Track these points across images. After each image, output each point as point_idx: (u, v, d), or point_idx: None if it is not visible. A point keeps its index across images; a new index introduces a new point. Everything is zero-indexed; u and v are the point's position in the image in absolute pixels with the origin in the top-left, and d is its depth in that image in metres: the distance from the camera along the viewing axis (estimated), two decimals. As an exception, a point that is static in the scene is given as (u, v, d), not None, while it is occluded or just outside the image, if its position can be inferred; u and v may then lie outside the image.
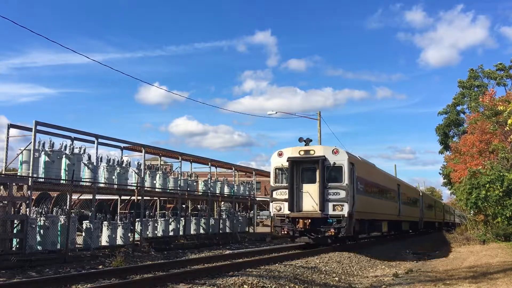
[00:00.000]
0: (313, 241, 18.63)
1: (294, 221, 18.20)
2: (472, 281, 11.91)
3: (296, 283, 10.86)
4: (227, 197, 29.68)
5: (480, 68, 46.97)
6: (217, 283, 9.55)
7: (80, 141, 18.90)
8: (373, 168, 25.25)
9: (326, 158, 18.07)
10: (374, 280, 13.08)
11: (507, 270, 13.42)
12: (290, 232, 18.34)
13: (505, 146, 27.56)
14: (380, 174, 26.88)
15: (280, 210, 18.49)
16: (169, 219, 23.34)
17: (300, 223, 17.97)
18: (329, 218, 17.68)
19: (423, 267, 16.42)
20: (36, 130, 15.98)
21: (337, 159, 18.10)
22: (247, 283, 9.80)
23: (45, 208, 17.64)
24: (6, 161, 16.01)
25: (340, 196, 17.77)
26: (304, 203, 18.37)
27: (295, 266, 13.50)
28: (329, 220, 17.70)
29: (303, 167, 18.81)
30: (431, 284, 11.78)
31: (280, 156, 19.03)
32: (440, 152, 52.90)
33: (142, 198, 20.86)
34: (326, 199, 17.83)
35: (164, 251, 19.04)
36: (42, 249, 14.94)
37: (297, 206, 18.31)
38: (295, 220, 18.19)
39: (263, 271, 11.85)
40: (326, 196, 17.84)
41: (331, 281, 12.25)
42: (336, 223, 17.63)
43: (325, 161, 18.11)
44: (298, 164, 18.74)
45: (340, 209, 17.63)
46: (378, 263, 17.59)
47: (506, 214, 22.51)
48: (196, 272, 10.99)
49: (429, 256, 21.07)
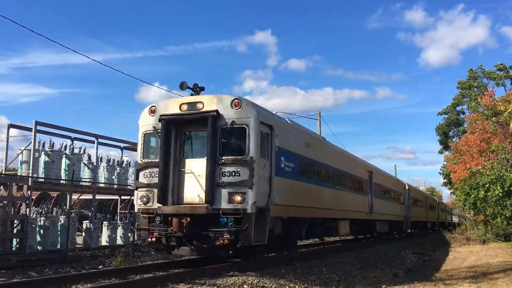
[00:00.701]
0: (197, 254, 11.79)
1: (167, 220, 11.16)
2: (472, 281, 11.93)
3: (296, 283, 10.87)
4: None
5: (480, 68, 47.05)
6: (217, 283, 9.55)
7: (80, 141, 18.91)
8: (319, 141, 17.29)
9: (221, 114, 11.08)
10: (374, 280, 13.08)
11: (507, 270, 13.44)
12: (162, 238, 11.23)
13: (505, 146, 27.59)
14: (335, 153, 19.07)
15: (147, 203, 11.66)
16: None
17: (174, 224, 10.82)
18: (222, 215, 10.70)
19: (423, 267, 16.42)
20: (36, 130, 15.99)
21: (238, 115, 11.08)
22: (247, 283, 9.80)
23: (45, 208, 17.62)
24: (6, 161, 16.04)
25: (241, 177, 10.79)
26: (187, 191, 11.52)
27: None
28: (222, 218, 10.70)
29: (188, 131, 12.03)
30: (431, 284, 11.80)
31: (153, 113, 12.06)
32: (440, 152, 53.06)
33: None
34: (218, 183, 10.85)
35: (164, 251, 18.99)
36: (42, 249, 14.94)
37: (174, 196, 11.51)
38: (167, 219, 11.16)
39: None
40: (219, 177, 10.86)
41: None
42: (233, 223, 10.65)
43: (217, 119, 11.10)
44: (178, 126, 11.87)
45: (240, 200, 10.65)
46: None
47: (506, 214, 22.53)
48: (196, 272, 10.98)
49: (429, 256, 21.08)
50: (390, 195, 29.04)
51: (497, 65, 45.25)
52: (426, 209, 43.67)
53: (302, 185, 14.18)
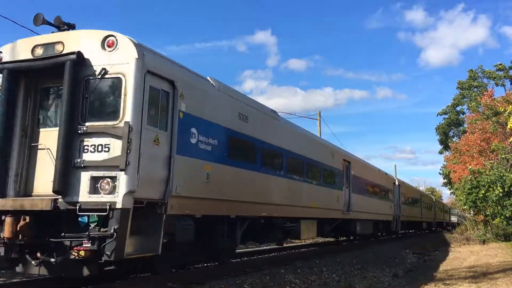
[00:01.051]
0: (49, 273, 7.87)
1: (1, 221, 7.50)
2: (472, 281, 11.93)
3: (296, 283, 10.87)
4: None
5: (479, 68, 47.14)
6: (217, 283, 9.55)
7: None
8: (266, 114, 12.86)
9: (86, 59, 7.65)
10: (374, 280, 13.09)
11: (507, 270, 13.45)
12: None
13: (505, 146, 27.62)
14: (294, 134, 14.83)
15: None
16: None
17: (6, 227, 7.24)
18: (81, 212, 7.18)
19: (423, 267, 16.42)
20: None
21: (112, 61, 7.61)
22: (247, 283, 9.81)
23: None
24: None
25: (111, 154, 7.32)
26: (39, 176, 7.92)
27: None
28: (82, 218, 7.23)
29: (46, 87, 8.40)
30: (431, 284, 11.79)
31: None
32: (440, 153, 53.12)
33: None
34: (76, 163, 7.39)
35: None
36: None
37: (20, 183, 7.95)
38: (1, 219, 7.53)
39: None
40: (78, 154, 7.42)
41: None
42: (98, 225, 7.18)
43: (80, 67, 7.64)
44: (31, 79, 8.28)
45: (108, 190, 7.20)
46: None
47: (506, 214, 22.58)
48: (196, 271, 10.97)
49: (429, 256, 21.08)
50: (375, 190, 24.73)
51: (497, 65, 45.37)
52: (421, 208, 40.36)
53: (233, 172, 10.49)
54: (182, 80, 8.80)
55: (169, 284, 9.20)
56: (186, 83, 9.00)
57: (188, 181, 8.77)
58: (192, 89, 9.16)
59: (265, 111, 12.99)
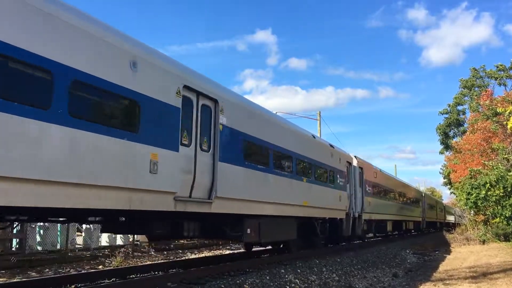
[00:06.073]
0: None
1: None
2: (472, 281, 11.93)
3: (296, 283, 10.87)
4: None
5: (482, 68, 47.23)
6: (217, 283, 9.55)
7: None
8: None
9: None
10: (374, 280, 13.09)
11: (507, 270, 13.45)
12: None
13: (505, 146, 27.61)
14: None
15: None
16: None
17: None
18: None
19: (423, 267, 16.43)
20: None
21: None
22: (247, 283, 9.81)
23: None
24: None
25: None
26: None
27: None
28: None
29: None
30: (431, 284, 11.80)
31: None
32: (441, 152, 53.04)
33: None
34: None
35: (164, 251, 19.03)
36: (42, 249, 14.96)
37: None
38: None
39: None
40: None
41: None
42: None
43: None
44: None
45: None
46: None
47: (506, 214, 22.56)
48: (196, 272, 10.97)
49: (429, 256, 21.09)
50: (312, 171, 15.22)
51: (498, 66, 45.43)
52: (402, 204, 30.61)
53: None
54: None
55: (169, 284, 9.23)
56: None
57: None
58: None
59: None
